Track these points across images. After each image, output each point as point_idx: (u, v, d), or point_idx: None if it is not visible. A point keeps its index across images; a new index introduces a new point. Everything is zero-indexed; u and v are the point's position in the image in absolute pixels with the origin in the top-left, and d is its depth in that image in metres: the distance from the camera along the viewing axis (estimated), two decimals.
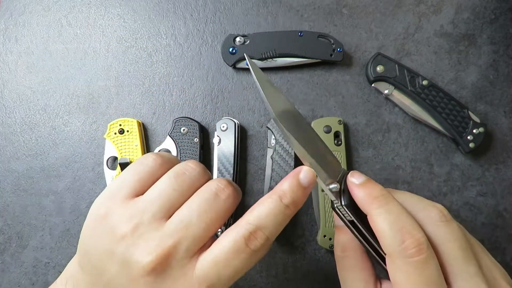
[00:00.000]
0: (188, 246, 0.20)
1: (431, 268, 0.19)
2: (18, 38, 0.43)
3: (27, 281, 0.39)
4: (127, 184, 0.23)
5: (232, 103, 0.41)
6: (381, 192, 0.21)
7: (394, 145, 0.40)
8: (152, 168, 0.23)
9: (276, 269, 0.38)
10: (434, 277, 0.19)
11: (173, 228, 0.21)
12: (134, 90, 0.41)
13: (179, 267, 0.20)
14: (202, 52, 0.42)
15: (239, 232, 0.20)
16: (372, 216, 0.21)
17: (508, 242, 0.38)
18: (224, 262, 0.20)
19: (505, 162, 0.40)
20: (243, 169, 0.40)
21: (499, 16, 0.42)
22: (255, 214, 0.21)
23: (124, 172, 0.24)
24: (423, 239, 0.20)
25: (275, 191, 0.22)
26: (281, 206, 0.21)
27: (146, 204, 0.22)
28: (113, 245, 0.21)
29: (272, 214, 0.21)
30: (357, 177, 0.23)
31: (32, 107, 0.41)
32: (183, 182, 0.23)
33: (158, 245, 0.20)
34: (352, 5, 0.42)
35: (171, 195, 0.22)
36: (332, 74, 0.41)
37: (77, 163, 0.40)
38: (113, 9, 0.43)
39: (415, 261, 0.19)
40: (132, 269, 0.20)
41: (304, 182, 0.22)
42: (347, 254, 0.24)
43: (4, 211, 0.40)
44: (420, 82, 0.38)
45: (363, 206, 0.22)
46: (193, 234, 0.21)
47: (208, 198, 0.22)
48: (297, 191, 0.22)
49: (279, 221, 0.21)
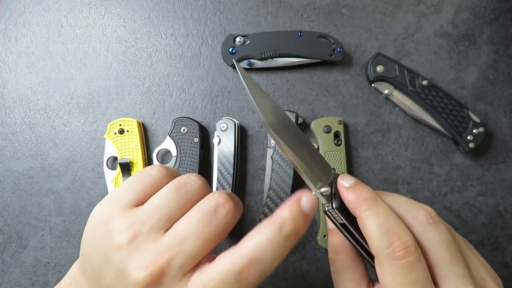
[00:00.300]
0: (182, 264, 0.20)
1: (419, 270, 0.19)
2: (18, 38, 0.43)
3: (27, 281, 0.39)
4: (130, 192, 0.23)
5: (232, 103, 0.41)
6: (370, 195, 0.21)
7: (394, 145, 0.40)
8: (156, 178, 0.23)
9: (276, 269, 0.38)
10: (422, 279, 0.19)
11: (169, 243, 0.20)
12: (134, 90, 0.41)
13: (171, 284, 0.20)
14: (202, 52, 0.42)
15: (230, 266, 0.19)
16: (360, 218, 0.21)
17: (508, 242, 0.38)
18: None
19: (505, 162, 0.40)
20: (243, 169, 0.40)
21: (499, 16, 0.42)
22: (250, 246, 0.20)
23: (129, 179, 0.24)
24: (411, 241, 0.20)
25: (274, 220, 0.20)
26: (281, 238, 0.20)
27: (145, 215, 0.21)
28: (110, 252, 0.20)
29: (270, 246, 0.20)
30: (346, 180, 0.22)
31: (32, 107, 0.41)
32: (183, 194, 0.22)
33: (152, 259, 0.20)
34: (352, 5, 0.42)
35: (170, 207, 0.22)
36: (332, 74, 0.41)
37: (77, 163, 0.40)
38: (113, 9, 0.43)
39: (402, 263, 0.19)
40: (126, 281, 0.20)
41: (306, 208, 0.21)
42: (340, 257, 0.24)
43: (4, 211, 0.40)
44: (420, 82, 0.38)
45: (353, 208, 0.22)
46: (189, 251, 0.20)
47: (207, 213, 0.21)
48: (298, 219, 0.21)
49: (278, 254, 0.20)
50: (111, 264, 0.20)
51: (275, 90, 0.41)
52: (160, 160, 0.39)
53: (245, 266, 0.19)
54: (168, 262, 0.19)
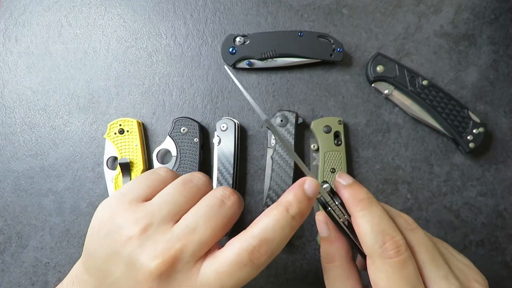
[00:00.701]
0: (194, 251, 0.21)
1: (409, 268, 0.20)
2: (18, 38, 0.43)
3: (27, 281, 0.39)
4: (137, 188, 0.23)
5: (232, 103, 0.41)
6: (366, 195, 0.23)
7: (394, 145, 0.40)
8: (163, 177, 0.24)
9: (276, 269, 0.38)
10: (412, 277, 0.20)
11: (180, 232, 0.21)
12: (134, 90, 0.41)
13: (184, 271, 0.20)
14: (202, 52, 0.42)
15: (243, 246, 0.20)
16: (355, 218, 0.22)
17: (508, 242, 0.38)
18: (227, 273, 0.20)
19: (505, 162, 0.40)
20: (243, 169, 0.40)
21: (499, 16, 0.42)
22: (260, 227, 0.21)
23: (135, 178, 0.24)
24: (402, 241, 0.21)
25: (280, 203, 0.22)
26: (288, 218, 0.21)
27: (156, 207, 0.22)
28: (119, 246, 0.21)
29: (279, 226, 0.21)
30: (344, 178, 0.24)
31: (32, 107, 0.41)
32: (190, 188, 0.23)
33: (165, 247, 0.20)
34: (352, 5, 0.42)
35: (179, 200, 0.22)
36: (332, 74, 0.41)
37: (77, 163, 0.40)
38: (113, 9, 0.43)
39: (394, 262, 0.20)
40: (137, 272, 0.20)
41: (309, 192, 0.22)
42: (334, 265, 0.24)
43: (4, 211, 0.40)
44: (420, 82, 0.38)
45: (348, 207, 0.23)
46: (199, 239, 0.21)
47: (215, 204, 0.22)
48: (303, 201, 0.22)
49: (286, 234, 0.21)
50: (120, 258, 0.20)
51: (275, 90, 0.41)
52: (160, 160, 0.39)
53: (257, 245, 0.20)
54: (180, 250, 0.20)
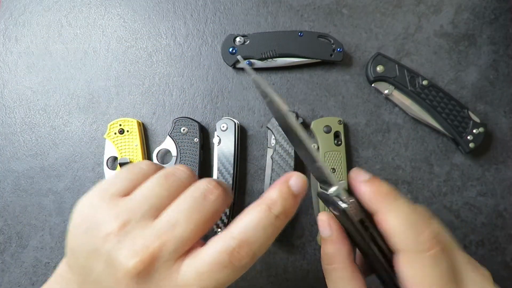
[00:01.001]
0: (175, 248, 0.19)
1: (446, 261, 0.19)
2: (18, 38, 0.43)
3: (27, 281, 0.39)
4: (117, 182, 0.22)
5: (232, 103, 0.41)
6: (389, 189, 0.21)
7: (394, 145, 0.40)
8: (145, 171, 0.23)
9: (276, 269, 0.38)
10: (449, 271, 0.19)
11: (160, 228, 0.20)
12: (134, 90, 0.41)
13: (163, 270, 0.19)
14: (202, 52, 0.42)
15: (222, 247, 0.19)
16: (383, 213, 0.20)
17: (508, 242, 0.38)
18: (207, 274, 0.19)
19: (505, 162, 0.40)
20: (243, 169, 0.40)
21: (499, 16, 0.42)
22: (240, 227, 0.20)
23: (116, 172, 0.23)
24: (438, 229, 0.20)
25: (263, 200, 0.20)
26: (271, 217, 0.20)
27: (136, 202, 0.21)
28: (98, 242, 0.20)
29: (261, 226, 0.20)
30: (362, 174, 0.22)
31: (32, 107, 0.41)
32: (173, 182, 0.22)
33: (143, 245, 0.19)
34: (352, 5, 0.42)
35: (160, 195, 0.21)
36: (332, 74, 0.41)
37: (77, 163, 0.40)
38: (113, 9, 0.43)
39: (431, 254, 0.19)
40: (116, 270, 0.19)
41: (295, 189, 0.21)
42: (336, 266, 0.23)
43: (4, 211, 0.40)
44: (420, 82, 0.38)
45: (371, 203, 0.21)
46: (180, 235, 0.20)
47: (197, 198, 0.21)
48: (288, 199, 0.20)
49: (268, 234, 0.20)
50: (100, 255, 0.20)
51: (275, 90, 0.41)
52: (160, 160, 0.39)
53: (237, 246, 0.19)
54: (159, 248, 0.19)
